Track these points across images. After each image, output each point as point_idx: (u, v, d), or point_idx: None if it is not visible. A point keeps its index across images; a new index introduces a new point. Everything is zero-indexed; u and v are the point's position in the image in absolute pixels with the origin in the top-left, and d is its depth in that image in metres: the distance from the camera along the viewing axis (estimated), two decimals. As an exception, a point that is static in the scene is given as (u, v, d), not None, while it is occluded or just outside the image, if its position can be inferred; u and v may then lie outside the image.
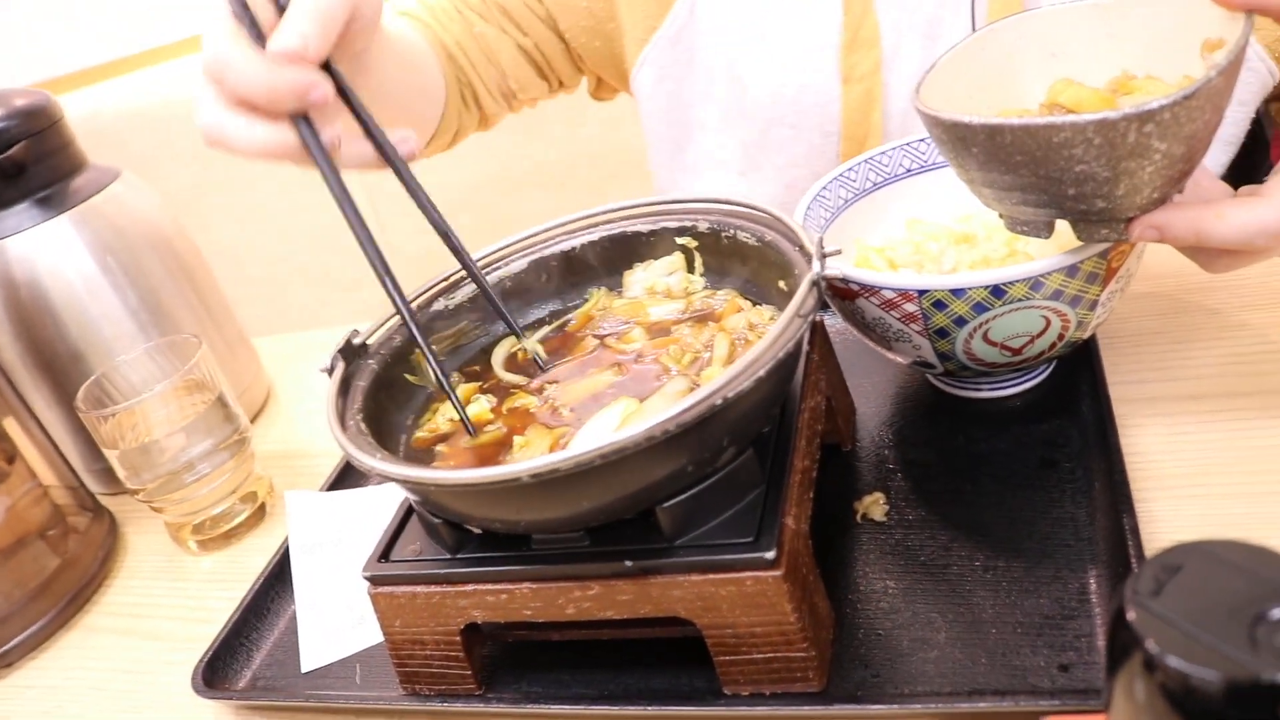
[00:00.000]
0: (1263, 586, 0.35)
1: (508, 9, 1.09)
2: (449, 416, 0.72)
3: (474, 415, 0.72)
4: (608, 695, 0.65)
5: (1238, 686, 0.33)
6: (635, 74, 1.12)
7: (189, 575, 0.94)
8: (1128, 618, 0.36)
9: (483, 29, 1.08)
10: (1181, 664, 0.34)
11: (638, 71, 1.11)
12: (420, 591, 0.64)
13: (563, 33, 1.11)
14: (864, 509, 0.73)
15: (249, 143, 0.65)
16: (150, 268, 1.05)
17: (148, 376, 0.96)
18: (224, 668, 0.77)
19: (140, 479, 0.91)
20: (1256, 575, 0.36)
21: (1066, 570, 0.64)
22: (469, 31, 1.08)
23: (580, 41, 1.11)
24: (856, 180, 0.86)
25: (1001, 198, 0.65)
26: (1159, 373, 0.79)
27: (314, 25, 0.63)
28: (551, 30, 1.11)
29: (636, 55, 1.10)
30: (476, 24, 1.08)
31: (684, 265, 0.78)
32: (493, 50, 1.10)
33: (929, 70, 0.70)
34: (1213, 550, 0.38)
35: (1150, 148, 0.55)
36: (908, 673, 0.60)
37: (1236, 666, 0.33)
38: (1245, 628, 0.34)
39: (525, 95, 1.16)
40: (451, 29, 1.08)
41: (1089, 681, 0.56)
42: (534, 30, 1.10)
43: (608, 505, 0.57)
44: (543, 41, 1.11)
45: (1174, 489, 0.68)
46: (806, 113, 1.05)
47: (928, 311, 0.69)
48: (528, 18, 1.09)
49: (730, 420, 0.57)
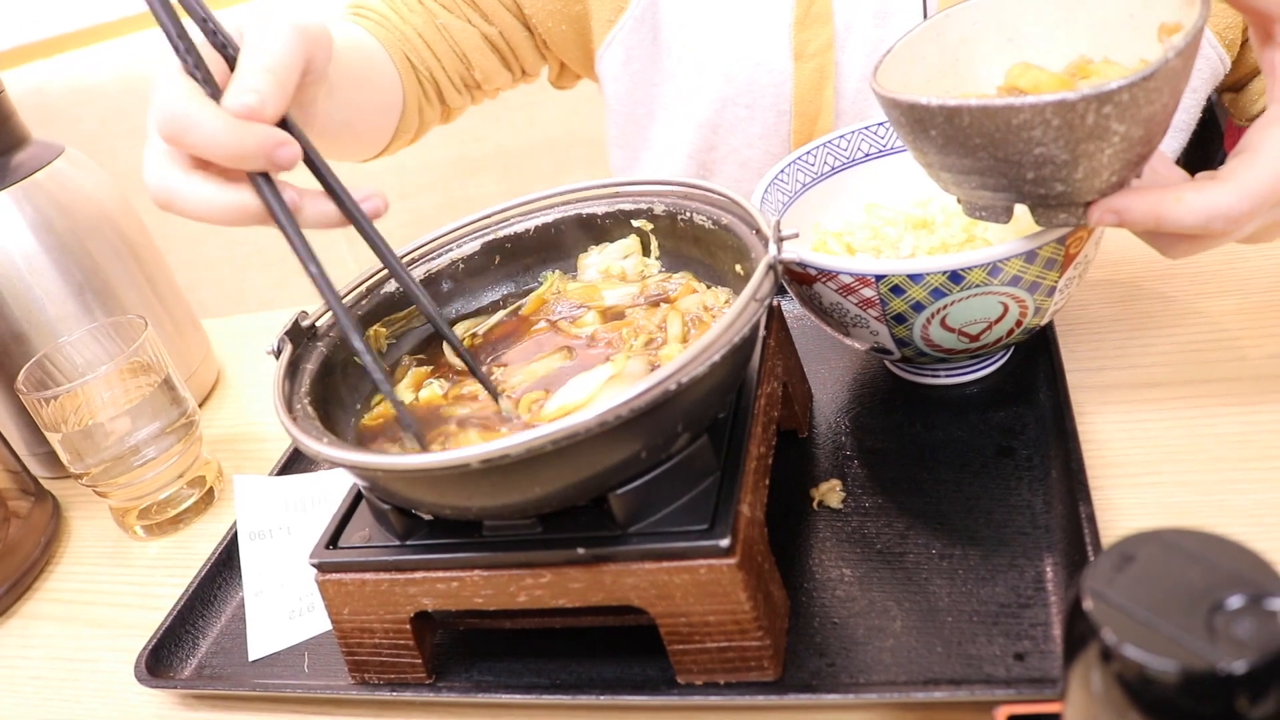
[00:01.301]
0: (1219, 576, 0.35)
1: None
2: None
3: (425, 399, 0.70)
4: (560, 684, 0.64)
5: (1194, 676, 0.33)
6: (601, 55, 1.11)
7: (135, 561, 0.92)
8: (1084, 607, 0.36)
9: (446, 20, 1.07)
10: (1138, 653, 0.34)
11: (604, 52, 1.10)
12: (369, 579, 0.63)
13: (528, 18, 1.10)
14: (821, 496, 0.72)
15: (207, 207, 0.60)
16: (95, 246, 1.02)
17: (92, 358, 0.94)
18: (168, 656, 0.75)
19: (84, 463, 0.89)
20: (1213, 564, 0.36)
21: (1023, 558, 0.63)
22: (431, 23, 1.07)
23: (547, 26, 1.10)
24: (814, 164, 0.85)
25: (960, 181, 0.64)
26: (1116, 360, 0.79)
27: (270, 81, 0.59)
28: (516, 17, 1.10)
29: (604, 36, 1.09)
30: (440, 15, 1.07)
31: (639, 248, 0.77)
32: (457, 41, 1.08)
33: (885, 55, 0.69)
34: (1169, 539, 0.37)
35: (1109, 130, 0.55)
36: (863, 662, 0.60)
37: (1193, 656, 0.33)
38: (1202, 617, 0.34)
39: (489, 86, 1.15)
40: (413, 20, 1.07)
41: (1044, 671, 0.56)
42: (499, 18, 1.09)
43: (560, 491, 0.56)
44: (507, 29, 1.10)
45: (1131, 476, 0.68)
46: (760, 91, 1.05)
47: (885, 297, 0.68)
48: (492, 5, 1.08)
49: (684, 406, 0.56)
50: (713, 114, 1.08)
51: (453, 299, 0.79)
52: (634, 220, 0.77)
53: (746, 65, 1.04)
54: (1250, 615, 0.34)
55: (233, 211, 0.60)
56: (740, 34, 1.04)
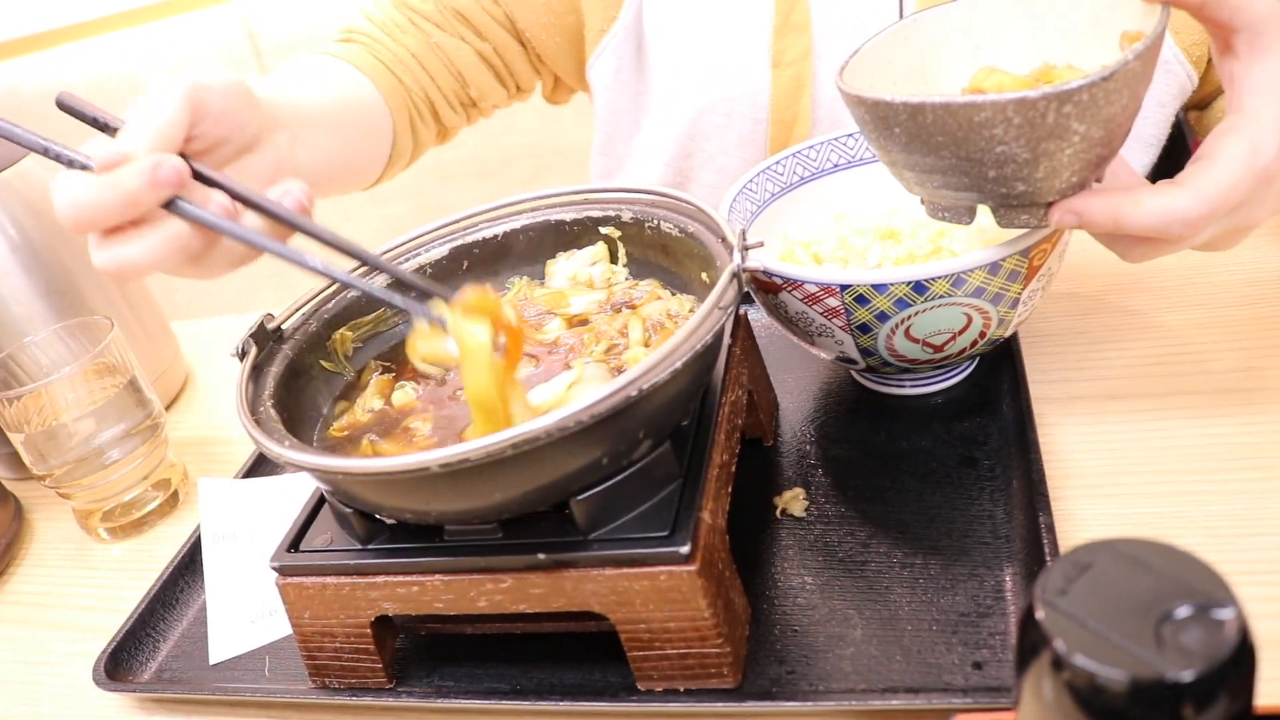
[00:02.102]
0: (1169, 585, 0.36)
1: (465, 15, 1.08)
2: (368, 408, 0.71)
3: (400, 403, 0.71)
4: (520, 690, 0.64)
5: (1143, 685, 0.33)
6: (593, 64, 1.11)
7: (97, 564, 0.91)
8: (1036, 616, 0.36)
9: (440, 39, 1.07)
10: (1088, 662, 0.34)
11: (595, 62, 1.11)
12: (330, 582, 0.63)
13: (521, 32, 1.10)
14: (784, 504, 0.72)
15: (151, 255, 0.58)
16: (63, 247, 1.02)
17: (57, 359, 0.93)
18: (128, 659, 0.75)
19: (47, 464, 0.88)
20: (1164, 574, 0.36)
21: (983, 568, 0.64)
22: (425, 43, 1.07)
23: (540, 39, 1.10)
24: (784, 174, 0.86)
25: (923, 181, 0.64)
26: (1079, 372, 0.80)
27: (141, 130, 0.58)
28: (509, 32, 1.10)
29: (595, 46, 1.10)
30: (434, 34, 1.07)
31: (607, 255, 0.77)
32: (451, 59, 1.09)
33: (851, 55, 0.69)
34: (1122, 549, 0.38)
35: (1069, 129, 0.56)
36: (823, 669, 0.60)
37: (1142, 665, 0.33)
38: (1151, 626, 0.34)
39: (485, 103, 1.15)
40: (405, 41, 1.07)
41: (1002, 679, 0.56)
42: (492, 34, 1.09)
43: (520, 497, 0.56)
44: (501, 45, 1.10)
45: (1090, 488, 0.69)
46: (737, 99, 1.05)
47: (850, 306, 0.69)
48: (485, 21, 1.08)
49: (646, 412, 0.56)
50: (690, 121, 1.09)
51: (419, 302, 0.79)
52: (602, 227, 0.77)
53: (725, 72, 1.05)
54: (1198, 625, 0.34)
55: (178, 241, 0.58)
56: (719, 41, 1.04)
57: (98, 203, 0.56)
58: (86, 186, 0.56)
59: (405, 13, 1.08)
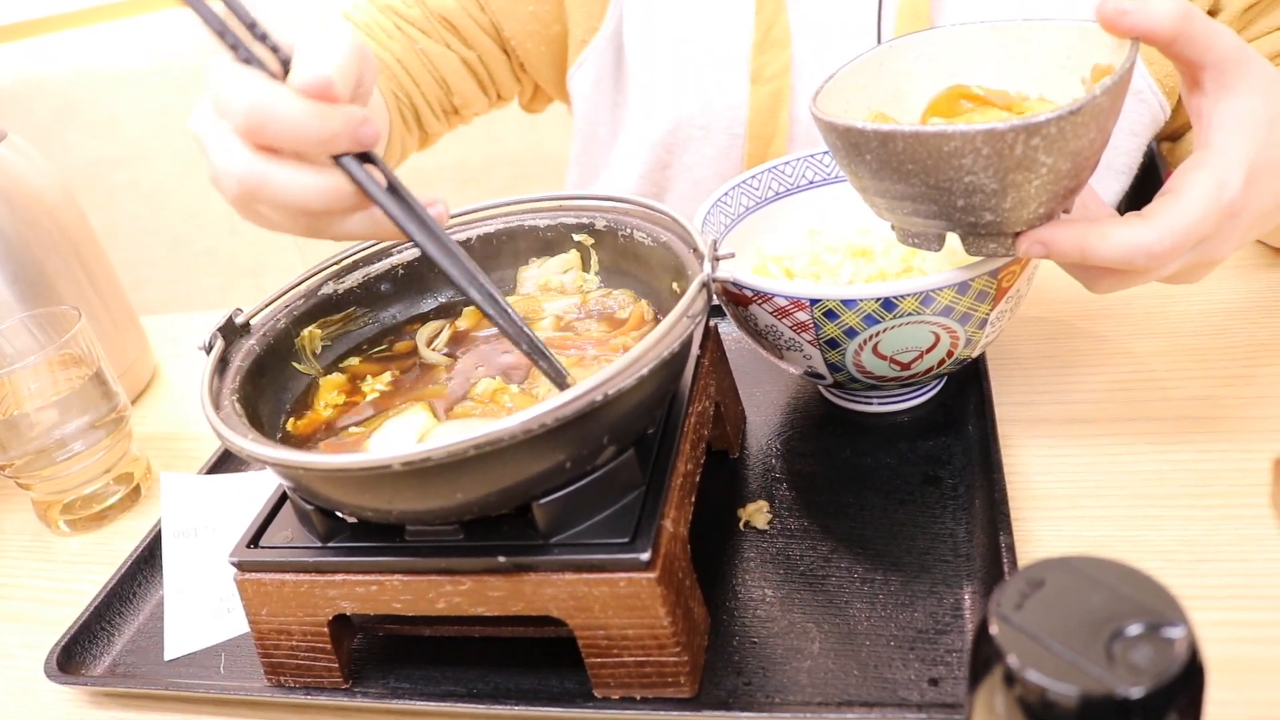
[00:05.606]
0: (1121, 603, 0.36)
1: (451, 21, 1.08)
2: (331, 403, 0.71)
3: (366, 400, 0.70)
4: (476, 694, 0.63)
5: (1093, 701, 0.33)
6: (573, 74, 1.12)
7: (55, 556, 0.90)
8: (990, 631, 0.36)
9: (426, 45, 1.08)
10: (1039, 678, 0.34)
11: (575, 71, 1.11)
12: (289, 580, 0.62)
13: (506, 40, 1.11)
14: (748, 516, 0.73)
15: (301, 191, 0.57)
16: (33, 235, 1.01)
17: (23, 348, 0.92)
18: (82, 653, 0.74)
19: (7, 454, 0.87)
20: (1116, 591, 0.36)
21: (942, 585, 0.64)
22: (411, 49, 1.08)
23: (526, 48, 1.11)
24: (759, 188, 0.86)
25: (894, 207, 0.65)
26: (1045, 395, 0.80)
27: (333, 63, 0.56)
28: (495, 40, 1.11)
29: (577, 56, 1.11)
30: (420, 40, 1.07)
31: (579, 263, 0.77)
32: (436, 66, 1.09)
33: (826, 80, 0.70)
34: (1075, 566, 0.38)
35: (1037, 161, 0.56)
36: (780, 681, 0.60)
37: (1092, 681, 0.33)
38: (1103, 643, 0.35)
39: (467, 111, 1.15)
40: (392, 47, 1.07)
41: (957, 696, 0.57)
42: (477, 41, 1.10)
43: (482, 498, 0.56)
44: (485, 53, 1.11)
45: (1052, 509, 0.69)
46: (716, 114, 1.05)
47: (819, 321, 0.69)
48: (471, 29, 1.09)
49: (611, 418, 0.56)
50: (667, 133, 1.09)
51: (390, 303, 0.79)
52: (575, 235, 0.77)
53: (703, 85, 1.05)
54: (1148, 642, 0.34)
55: (328, 194, 0.57)
56: (698, 54, 1.05)
57: (293, 124, 0.55)
58: (289, 103, 0.54)
59: (390, 17, 1.08)
